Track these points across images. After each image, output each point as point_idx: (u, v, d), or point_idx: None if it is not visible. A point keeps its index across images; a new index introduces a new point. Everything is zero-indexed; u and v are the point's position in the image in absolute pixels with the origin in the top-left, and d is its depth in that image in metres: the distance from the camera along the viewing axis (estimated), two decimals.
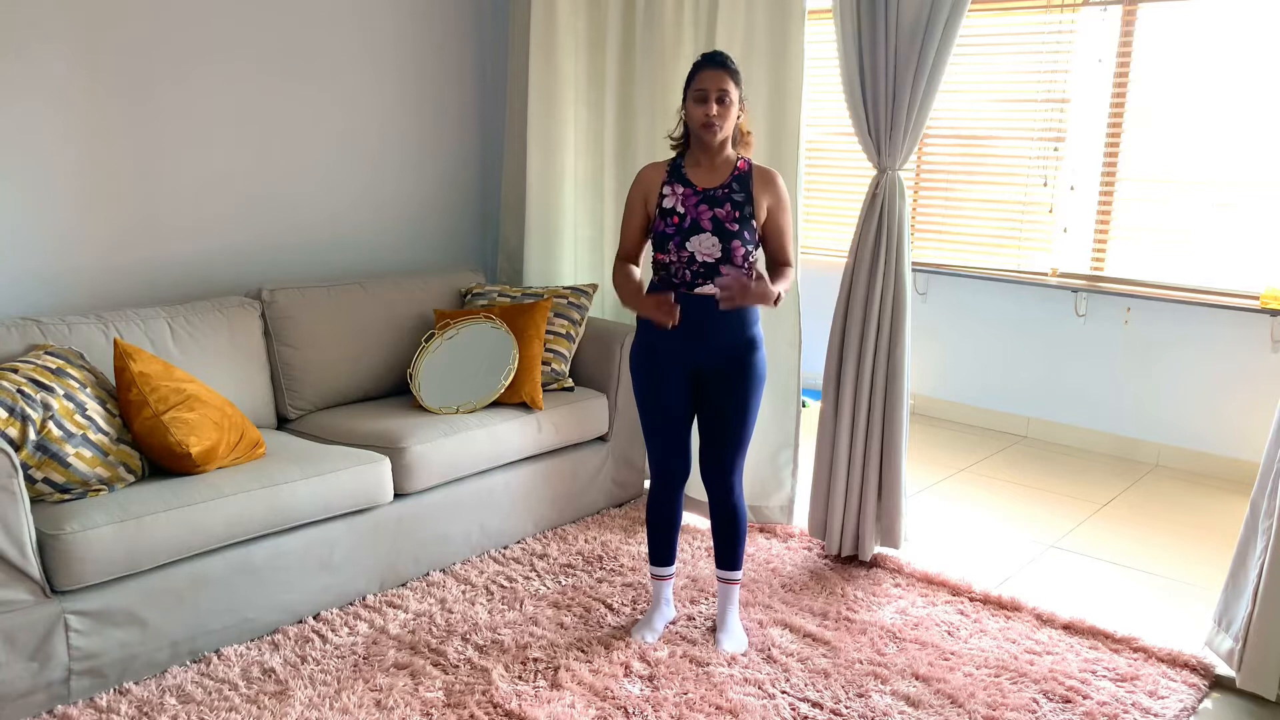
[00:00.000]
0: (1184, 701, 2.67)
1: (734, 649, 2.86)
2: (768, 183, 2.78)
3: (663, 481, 2.91)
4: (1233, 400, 4.53)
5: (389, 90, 4.07)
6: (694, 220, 2.72)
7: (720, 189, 2.75)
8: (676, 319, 2.62)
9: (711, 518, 2.93)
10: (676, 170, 2.79)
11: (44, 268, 3.22)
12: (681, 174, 2.78)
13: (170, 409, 2.73)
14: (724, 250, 2.71)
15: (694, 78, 2.70)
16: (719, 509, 2.89)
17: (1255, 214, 4.39)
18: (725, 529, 2.90)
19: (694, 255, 2.71)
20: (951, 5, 3.01)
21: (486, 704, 2.56)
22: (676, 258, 2.73)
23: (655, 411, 2.82)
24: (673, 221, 2.74)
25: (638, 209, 2.83)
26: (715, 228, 2.71)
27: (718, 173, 2.77)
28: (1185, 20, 4.47)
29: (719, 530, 2.91)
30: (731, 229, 2.71)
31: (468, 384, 3.49)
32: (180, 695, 2.56)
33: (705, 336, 2.75)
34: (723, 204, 2.73)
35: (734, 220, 2.72)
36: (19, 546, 2.35)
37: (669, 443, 2.86)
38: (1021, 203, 4.97)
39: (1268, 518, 2.66)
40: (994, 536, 3.81)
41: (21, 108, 3.09)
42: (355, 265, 4.09)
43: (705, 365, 2.78)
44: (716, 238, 2.71)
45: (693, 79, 2.70)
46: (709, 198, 2.74)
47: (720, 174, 2.77)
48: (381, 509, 3.11)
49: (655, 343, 2.80)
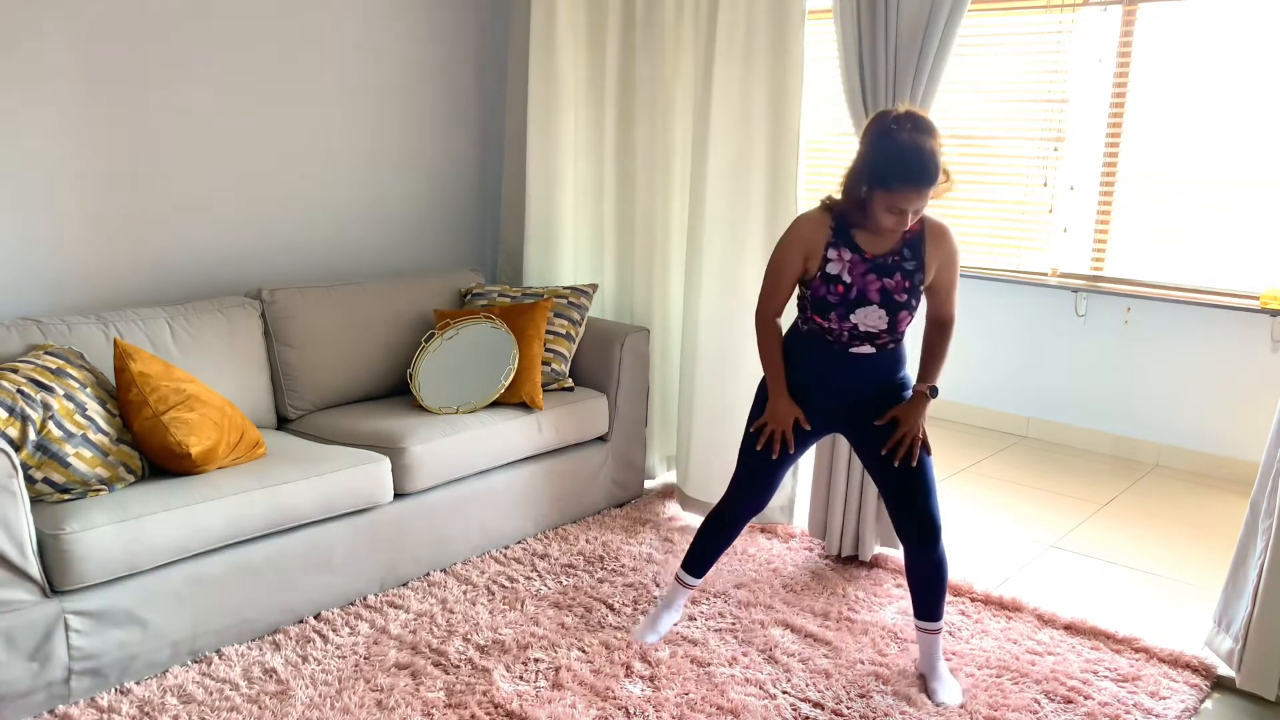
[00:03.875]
0: (1185, 702, 2.67)
1: (951, 700, 2.62)
2: (940, 243, 2.57)
3: (741, 507, 2.80)
4: (1233, 400, 4.53)
5: (389, 90, 4.07)
6: (861, 291, 2.53)
7: (891, 256, 2.54)
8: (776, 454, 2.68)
9: (909, 567, 2.68)
10: (843, 232, 2.55)
11: (44, 268, 3.21)
12: (849, 237, 2.55)
13: (170, 409, 2.72)
14: (890, 323, 2.55)
15: (894, 188, 2.38)
16: (923, 558, 2.64)
17: (1255, 214, 4.39)
18: (930, 579, 2.65)
19: (857, 326, 2.56)
20: (951, 5, 3.01)
21: (487, 704, 2.55)
22: (837, 326, 2.57)
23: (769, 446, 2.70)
24: (837, 290, 2.54)
25: (795, 264, 2.60)
26: (883, 299, 2.53)
27: (888, 238, 2.54)
28: (1185, 20, 4.47)
29: (923, 581, 2.66)
30: (899, 300, 2.54)
31: (468, 384, 3.49)
32: (181, 695, 2.56)
33: (854, 388, 2.66)
34: (892, 274, 2.53)
35: (903, 291, 2.54)
36: (19, 546, 2.35)
37: (766, 476, 2.76)
38: (1021, 203, 4.96)
39: (1268, 518, 2.66)
40: (994, 536, 3.81)
41: (21, 108, 3.08)
42: (355, 265, 4.09)
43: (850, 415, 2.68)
44: (883, 310, 2.53)
45: (891, 186, 2.38)
46: (878, 266, 2.54)
47: (891, 239, 2.54)
48: (381, 509, 3.11)
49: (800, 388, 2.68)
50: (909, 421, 2.62)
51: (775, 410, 2.69)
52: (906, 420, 2.62)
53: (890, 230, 2.49)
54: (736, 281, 3.59)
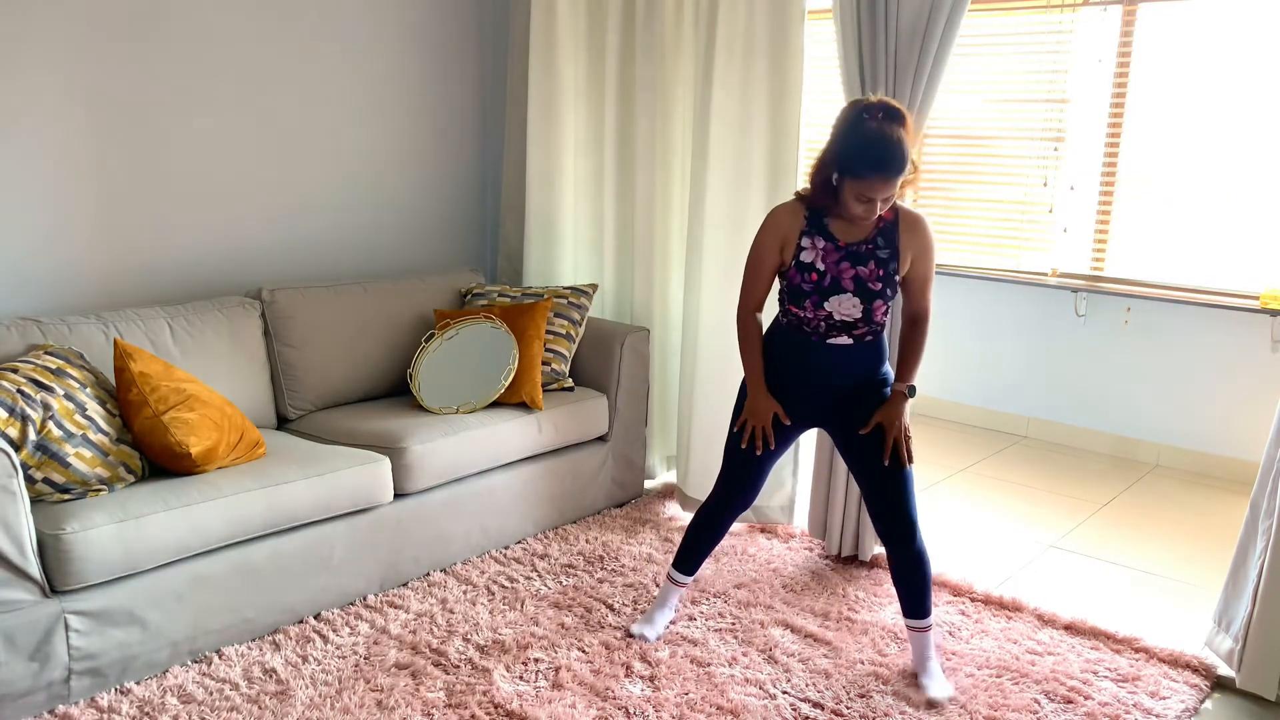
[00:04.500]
0: (1186, 702, 2.67)
1: (941, 694, 2.64)
2: (914, 232, 2.57)
3: (727, 504, 2.83)
4: (1233, 400, 4.53)
5: (389, 90, 4.07)
6: (835, 279, 2.55)
7: (865, 244, 2.55)
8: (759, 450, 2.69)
9: (891, 567, 2.71)
10: (817, 220, 2.58)
11: (44, 268, 3.21)
12: (822, 225, 2.57)
13: (170, 409, 2.72)
14: (865, 312, 2.56)
15: (862, 177, 2.40)
16: (903, 557, 2.67)
17: (1255, 214, 4.39)
18: (910, 578, 2.67)
19: (832, 314, 2.57)
20: (951, 5, 3.01)
21: (487, 704, 2.55)
22: (813, 315, 2.58)
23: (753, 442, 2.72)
24: (811, 278, 2.56)
25: (771, 255, 2.63)
26: (857, 287, 2.54)
27: (862, 226, 2.55)
28: (1185, 20, 4.47)
29: (905, 579, 2.68)
30: (874, 288, 2.55)
31: (468, 384, 3.49)
32: (181, 695, 2.56)
33: (834, 381, 2.66)
34: (866, 261, 2.55)
35: (877, 279, 2.55)
36: (19, 546, 2.35)
37: (752, 472, 2.77)
38: (1021, 203, 4.96)
39: (1268, 518, 2.66)
40: (994, 536, 3.81)
41: (21, 108, 3.08)
42: (355, 265, 4.09)
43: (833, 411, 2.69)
44: (858, 298, 2.55)
45: (860, 175, 2.40)
46: (852, 254, 2.55)
47: (864, 227, 2.56)
48: (381, 509, 3.11)
49: (778, 380, 2.70)
50: (892, 424, 2.62)
51: (754, 406, 2.71)
52: (890, 423, 2.62)
53: (860, 218, 2.50)
54: (736, 281, 3.56)
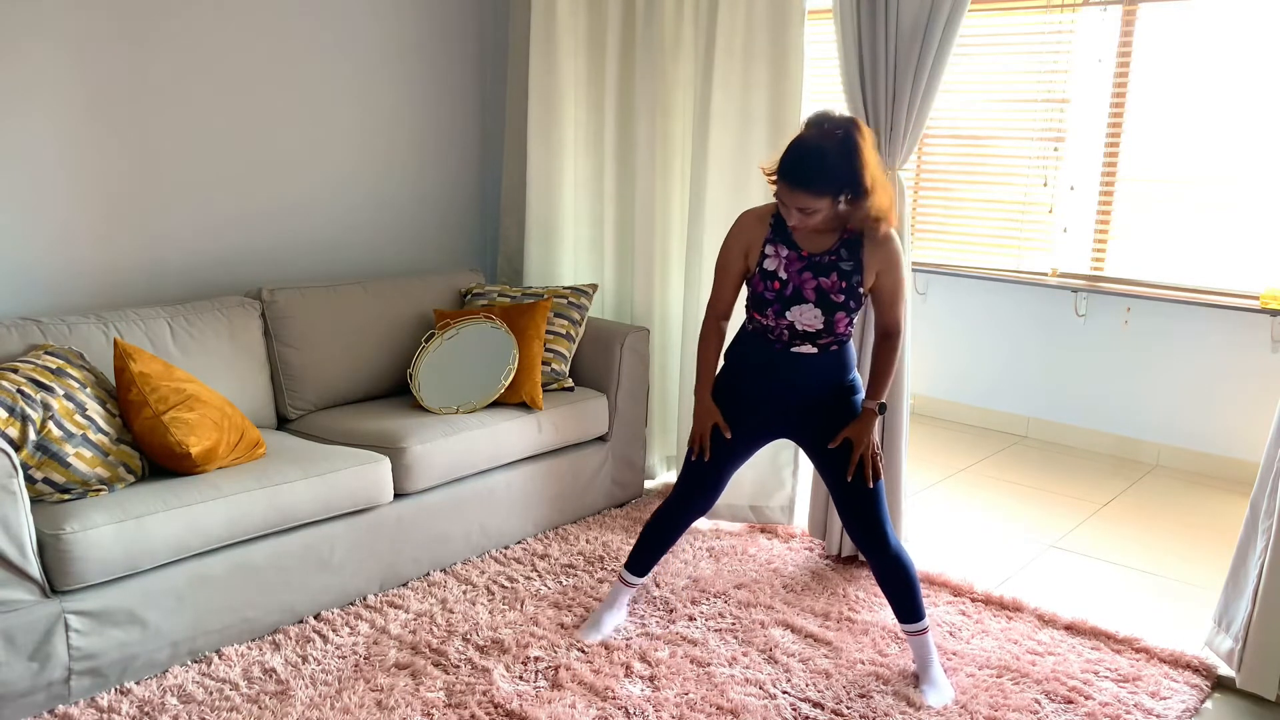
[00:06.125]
0: (1186, 702, 2.67)
1: (939, 702, 2.62)
2: (878, 246, 2.53)
3: (684, 507, 2.83)
4: (1233, 400, 4.53)
5: (389, 90, 4.07)
6: (797, 289, 2.53)
7: (827, 255, 2.53)
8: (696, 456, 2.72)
9: (874, 574, 2.72)
10: (781, 228, 2.57)
11: (44, 268, 3.21)
12: (787, 234, 2.56)
13: (170, 409, 2.72)
14: (826, 323, 2.53)
15: (778, 181, 2.43)
16: (879, 563, 2.66)
17: (1255, 214, 4.39)
18: (892, 583, 2.67)
19: (794, 324, 2.56)
20: (951, 5, 3.01)
21: (487, 704, 2.55)
22: (774, 323, 2.57)
23: (712, 444, 2.72)
24: (773, 286, 2.54)
25: (736, 261, 2.62)
26: (819, 299, 2.52)
27: (826, 236, 2.54)
28: (1185, 20, 4.47)
29: (887, 584, 2.68)
30: (836, 300, 2.52)
31: (468, 384, 3.49)
32: (181, 695, 2.56)
33: (798, 389, 2.65)
34: (829, 273, 2.52)
35: (839, 291, 2.52)
36: (19, 546, 2.35)
37: (710, 477, 2.77)
38: (1021, 203, 4.97)
39: (1268, 518, 2.66)
40: (994, 536, 3.81)
41: (21, 108, 3.08)
42: (355, 265, 4.09)
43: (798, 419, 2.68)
44: (819, 310, 2.52)
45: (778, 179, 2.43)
46: (814, 264, 2.53)
47: (828, 238, 2.53)
48: (381, 509, 3.11)
49: (740, 385, 2.69)
50: (861, 441, 2.61)
51: (695, 412, 2.74)
52: (859, 440, 2.61)
53: (793, 227, 2.51)
54: None
